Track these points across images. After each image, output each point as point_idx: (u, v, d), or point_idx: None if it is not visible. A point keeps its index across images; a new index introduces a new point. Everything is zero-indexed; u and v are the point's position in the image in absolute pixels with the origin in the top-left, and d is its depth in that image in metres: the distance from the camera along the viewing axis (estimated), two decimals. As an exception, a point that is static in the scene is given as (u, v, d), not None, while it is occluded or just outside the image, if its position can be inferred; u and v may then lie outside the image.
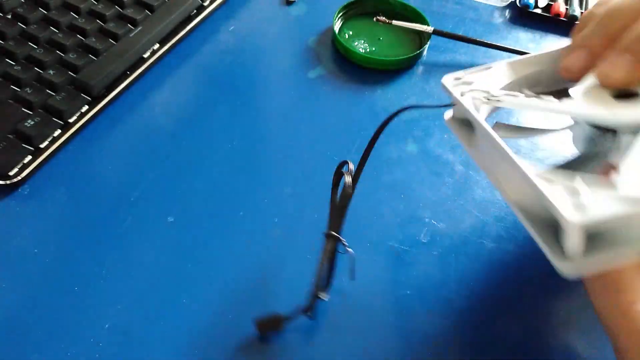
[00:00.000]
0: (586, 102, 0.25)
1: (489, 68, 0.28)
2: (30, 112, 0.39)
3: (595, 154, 0.26)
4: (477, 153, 0.27)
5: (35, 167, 0.38)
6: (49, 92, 0.40)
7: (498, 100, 0.26)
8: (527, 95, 0.26)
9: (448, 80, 0.28)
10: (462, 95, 0.26)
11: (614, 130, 0.25)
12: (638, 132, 0.24)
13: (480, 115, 0.25)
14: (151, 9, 0.47)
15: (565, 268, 0.21)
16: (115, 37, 0.44)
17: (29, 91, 0.40)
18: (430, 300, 0.33)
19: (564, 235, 0.21)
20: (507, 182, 0.25)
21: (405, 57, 0.47)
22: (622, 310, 0.23)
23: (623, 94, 0.26)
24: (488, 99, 0.26)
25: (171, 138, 0.41)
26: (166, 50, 0.47)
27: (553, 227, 0.22)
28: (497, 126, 0.30)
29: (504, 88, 0.28)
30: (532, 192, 0.22)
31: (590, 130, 0.27)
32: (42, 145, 0.38)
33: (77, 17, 0.46)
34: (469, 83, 0.27)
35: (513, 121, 0.43)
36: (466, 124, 0.28)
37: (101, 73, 0.41)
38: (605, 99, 0.25)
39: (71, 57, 0.42)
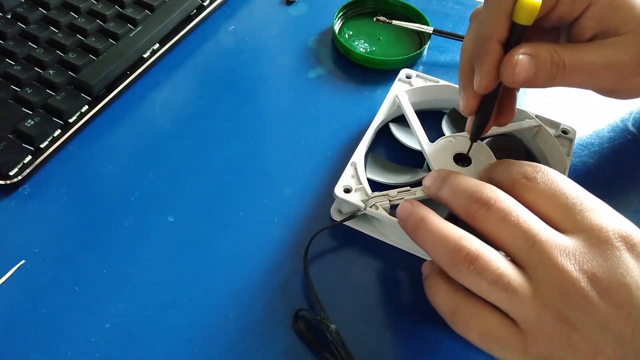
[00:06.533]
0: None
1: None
2: (31, 112, 0.39)
3: None
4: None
5: (35, 167, 0.38)
6: (49, 92, 0.40)
7: (400, 199, 0.34)
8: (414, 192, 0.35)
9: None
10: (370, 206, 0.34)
11: None
12: None
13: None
14: (151, 8, 0.47)
15: None
16: (115, 37, 0.44)
17: (29, 91, 0.40)
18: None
19: None
20: None
21: (405, 57, 0.47)
22: None
23: (460, 157, 0.36)
24: (389, 200, 0.34)
25: (171, 138, 0.41)
26: (166, 50, 0.47)
27: None
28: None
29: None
30: None
31: None
32: (42, 145, 0.38)
33: (77, 17, 0.46)
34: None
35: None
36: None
37: (101, 73, 0.41)
38: (448, 161, 0.36)
39: (71, 57, 0.42)
